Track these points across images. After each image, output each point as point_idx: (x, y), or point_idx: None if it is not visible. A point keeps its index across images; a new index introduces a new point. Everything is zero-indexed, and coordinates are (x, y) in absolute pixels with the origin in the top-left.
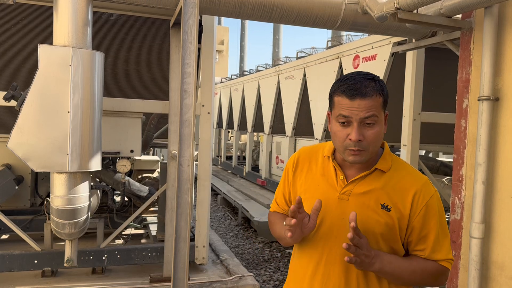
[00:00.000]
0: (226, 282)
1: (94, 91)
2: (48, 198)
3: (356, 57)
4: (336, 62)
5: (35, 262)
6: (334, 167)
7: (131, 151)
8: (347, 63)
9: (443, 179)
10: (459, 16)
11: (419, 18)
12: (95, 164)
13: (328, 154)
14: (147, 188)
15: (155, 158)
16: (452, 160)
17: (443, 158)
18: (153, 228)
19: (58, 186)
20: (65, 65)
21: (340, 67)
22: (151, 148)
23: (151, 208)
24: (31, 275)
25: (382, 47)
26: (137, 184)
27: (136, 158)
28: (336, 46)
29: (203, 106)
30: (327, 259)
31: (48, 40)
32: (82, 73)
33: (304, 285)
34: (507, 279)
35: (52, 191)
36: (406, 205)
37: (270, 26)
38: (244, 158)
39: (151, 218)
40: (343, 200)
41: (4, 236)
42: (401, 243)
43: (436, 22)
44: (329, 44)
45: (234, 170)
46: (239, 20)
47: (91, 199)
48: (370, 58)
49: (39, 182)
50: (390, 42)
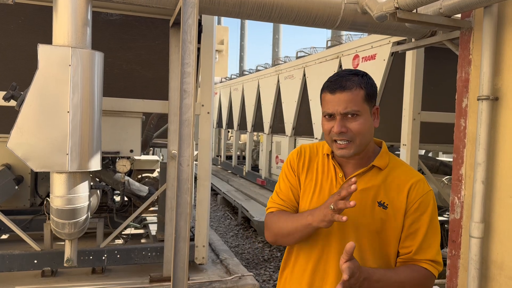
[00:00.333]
0: (226, 282)
1: (93, 91)
2: (48, 198)
3: (356, 56)
4: (336, 62)
5: (35, 262)
6: (334, 165)
7: (131, 151)
8: (347, 62)
9: (443, 179)
10: (459, 15)
11: (418, 18)
12: (95, 164)
13: (327, 152)
14: (147, 188)
15: (155, 158)
16: (451, 159)
17: (442, 157)
18: (152, 228)
19: (58, 186)
20: (64, 65)
21: (340, 66)
22: (151, 148)
23: (151, 208)
24: (31, 275)
25: (381, 47)
26: (136, 184)
27: (136, 158)
28: (336, 45)
29: (202, 106)
30: (327, 256)
31: (48, 40)
32: (81, 73)
33: (304, 281)
34: (507, 278)
35: (52, 191)
36: (401, 200)
37: (270, 25)
38: (244, 158)
39: (151, 218)
40: None
41: (4, 236)
42: (396, 242)
43: (435, 21)
44: (328, 44)
45: (234, 169)
46: (239, 19)
47: (91, 199)
48: (369, 58)
49: (39, 182)
50: (389, 41)
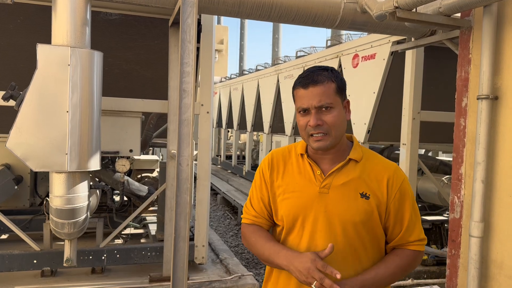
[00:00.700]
0: (225, 282)
1: (93, 90)
2: (47, 198)
3: (356, 56)
4: (336, 61)
5: (35, 262)
6: (310, 163)
7: (130, 151)
8: (347, 62)
9: (443, 178)
10: (458, 15)
11: (418, 17)
12: (94, 164)
13: (301, 152)
14: (147, 187)
15: (154, 157)
16: (451, 159)
17: (442, 157)
18: (152, 228)
19: (57, 185)
20: (63, 64)
21: (340, 66)
22: (150, 148)
23: (151, 208)
24: (30, 275)
25: (381, 46)
26: (136, 183)
27: (135, 157)
28: (336, 45)
29: (202, 105)
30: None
31: (47, 39)
32: (80, 72)
33: (293, 279)
34: (507, 278)
35: (51, 190)
36: (382, 191)
37: (270, 25)
38: (243, 158)
39: (151, 218)
40: (323, 194)
41: (3, 236)
42: (381, 228)
43: (435, 21)
44: (328, 43)
45: (234, 169)
46: (239, 19)
47: (90, 198)
48: (369, 57)
49: (39, 182)
50: (389, 41)
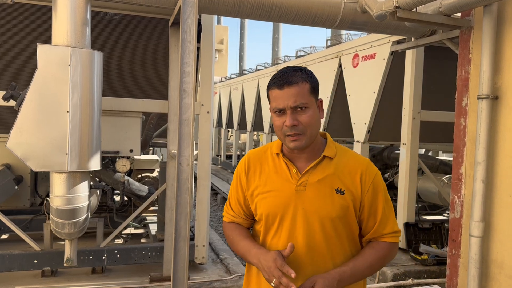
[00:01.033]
0: (226, 281)
1: (93, 90)
2: (47, 198)
3: (356, 56)
4: (336, 61)
5: (35, 262)
6: (285, 162)
7: (131, 151)
8: (347, 62)
9: (443, 178)
10: (458, 14)
11: (418, 17)
12: (95, 164)
13: (277, 151)
14: (147, 187)
15: (155, 157)
16: (451, 158)
17: (442, 156)
18: (152, 228)
19: (58, 185)
20: (64, 64)
21: (340, 66)
22: (151, 148)
23: (151, 208)
24: (30, 275)
25: (381, 46)
26: (136, 183)
27: (136, 157)
28: (336, 45)
29: (202, 105)
30: (294, 250)
31: (47, 39)
32: (81, 72)
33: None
34: (507, 277)
35: (52, 190)
36: (356, 186)
37: (270, 25)
38: None
39: (151, 218)
40: (300, 192)
41: (3, 236)
42: (356, 222)
43: (435, 20)
44: (328, 43)
45: (234, 169)
46: (239, 19)
47: (91, 198)
48: (369, 57)
49: (39, 182)
50: (389, 41)
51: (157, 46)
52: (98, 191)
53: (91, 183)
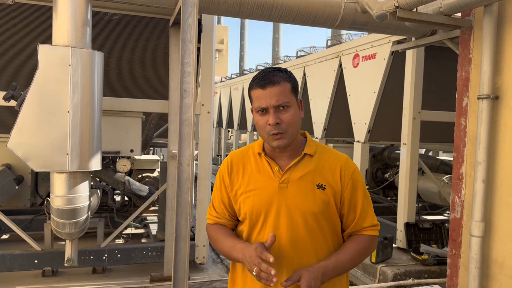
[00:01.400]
0: (226, 281)
1: (93, 90)
2: (48, 198)
3: (356, 56)
4: (336, 61)
5: (36, 262)
6: (267, 161)
7: (131, 151)
8: (347, 62)
9: (443, 178)
10: (459, 14)
11: (418, 17)
12: (95, 164)
13: (259, 151)
14: (147, 187)
15: (155, 157)
16: (452, 158)
17: (443, 156)
18: (153, 228)
19: (58, 185)
20: (64, 65)
21: (340, 66)
22: (151, 148)
23: (151, 208)
24: (31, 275)
25: (381, 46)
26: (137, 183)
27: (136, 157)
28: (336, 45)
29: (202, 105)
30: (279, 246)
31: (47, 39)
32: (81, 72)
33: (258, 284)
34: (507, 277)
35: (52, 191)
36: (336, 181)
37: (270, 25)
38: None
39: (151, 218)
40: (283, 189)
41: (4, 236)
42: (338, 216)
43: (435, 20)
44: (328, 43)
45: None
46: (239, 19)
47: (91, 198)
48: (369, 57)
49: (39, 182)
50: (389, 41)
51: (157, 46)
52: (99, 191)
53: (92, 183)
